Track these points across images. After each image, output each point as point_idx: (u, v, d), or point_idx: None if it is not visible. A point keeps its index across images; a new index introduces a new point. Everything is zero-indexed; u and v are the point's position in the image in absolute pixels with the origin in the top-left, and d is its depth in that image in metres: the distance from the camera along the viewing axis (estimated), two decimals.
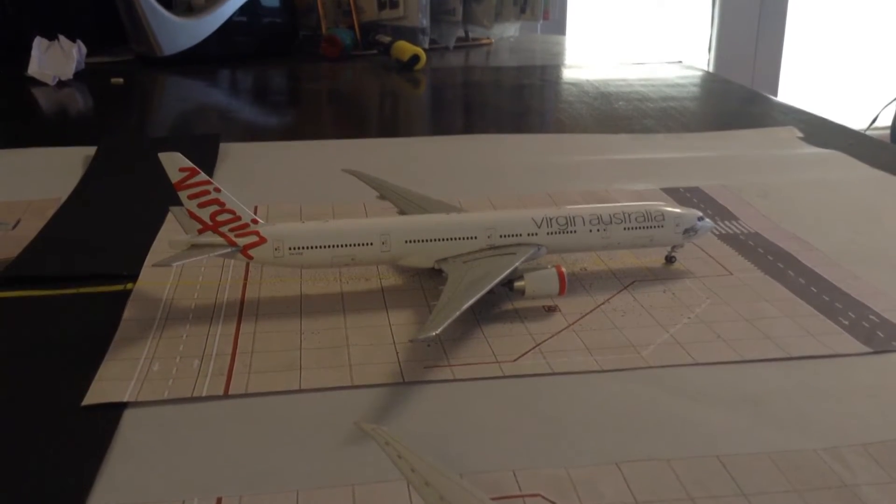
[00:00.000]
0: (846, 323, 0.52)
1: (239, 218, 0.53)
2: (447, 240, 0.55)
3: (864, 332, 0.51)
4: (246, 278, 0.58)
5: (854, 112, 2.49)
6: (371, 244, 0.54)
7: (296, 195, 0.77)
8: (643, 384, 0.45)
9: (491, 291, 0.50)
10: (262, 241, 0.53)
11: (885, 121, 2.60)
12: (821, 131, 1.02)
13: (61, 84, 1.34)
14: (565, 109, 1.24)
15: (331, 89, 1.44)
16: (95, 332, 0.50)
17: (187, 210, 0.52)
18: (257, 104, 1.36)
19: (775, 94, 2.35)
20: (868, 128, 2.56)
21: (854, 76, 2.65)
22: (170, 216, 0.66)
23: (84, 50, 1.41)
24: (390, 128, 1.23)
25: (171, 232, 0.63)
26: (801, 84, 2.58)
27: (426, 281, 0.58)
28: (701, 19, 2.55)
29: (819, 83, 2.59)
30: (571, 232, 0.56)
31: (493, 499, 0.35)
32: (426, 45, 1.61)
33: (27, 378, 0.46)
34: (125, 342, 0.49)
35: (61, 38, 1.39)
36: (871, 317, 0.52)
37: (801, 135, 1.00)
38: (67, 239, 0.66)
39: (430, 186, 0.66)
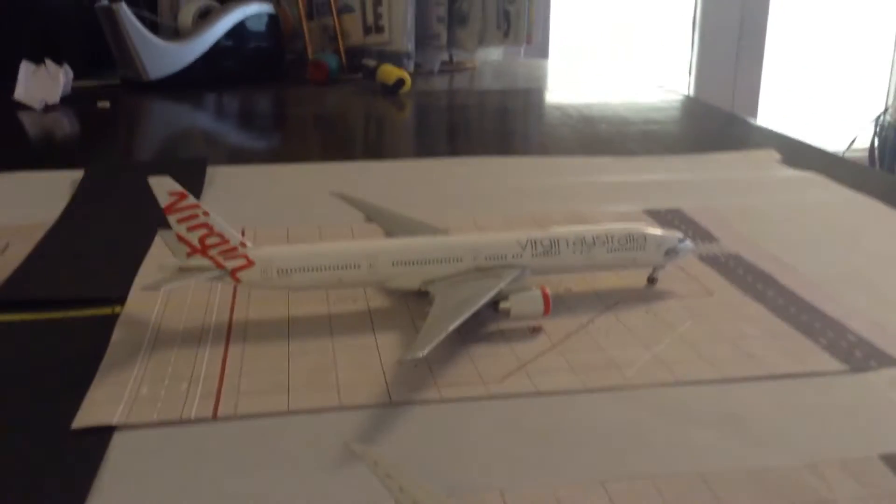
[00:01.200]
0: (825, 342, 0.53)
1: (228, 241, 0.53)
2: (434, 262, 0.55)
3: (842, 351, 0.52)
4: (234, 301, 0.59)
5: (833, 134, 2.53)
6: (358, 266, 0.55)
7: (283, 218, 0.78)
8: (627, 403, 0.46)
9: (477, 313, 0.51)
10: (251, 264, 0.53)
11: (862, 142, 2.64)
12: (799, 154, 1.04)
13: (48, 108, 1.34)
14: (549, 132, 1.26)
15: (317, 113, 1.45)
16: (84, 355, 0.51)
17: (176, 234, 0.52)
18: (244, 128, 1.37)
19: (755, 118, 2.39)
20: (847, 150, 2.60)
21: (832, 99, 2.69)
22: (158, 239, 0.67)
23: (71, 74, 1.42)
24: (376, 151, 1.24)
25: (160, 255, 0.64)
26: (780, 107, 2.62)
27: (413, 302, 0.58)
28: (681, 44, 2.59)
29: (798, 106, 2.63)
30: (555, 254, 0.57)
31: None
32: (411, 69, 1.63)
33: (16, 401, 0.46)
34: (114, 365, 0.49)
35: (48, 62, 1.39)
36: (849, 336, 0.53)
37: (779, 157, 1.01)
38: (56, 263, 0.66)
39: (415, 208, 0.67)
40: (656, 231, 0.59)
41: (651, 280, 0.61)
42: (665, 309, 0.58)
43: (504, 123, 1.36)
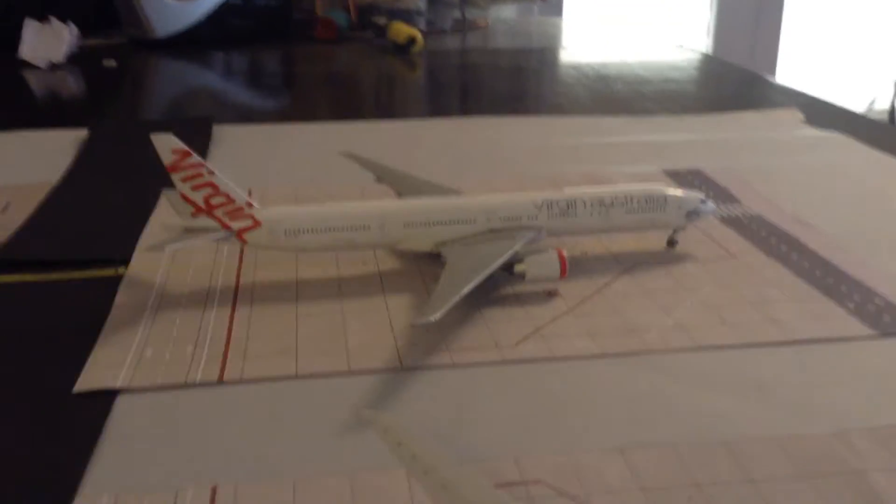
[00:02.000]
0: (851, 306, 0.51)
1: (233, 201, 0.51)
2: (446, 223, 0.54)
3: (869, 315, 0.50)
4: (240, 262, 0.57)
5: (851, 95, 2.48)
6: (369, 228, 0.53)
7: (290, 178, 0.76)
8: (646, 369, 0.45)
9: (491, 276, 0.49)
10: (257, 224, 0.52)
11: (881, 104, 2.59)
12: (822, 113, 1.01)
13: (53, 67, 1.32)
14: (564, 92, 1.23)
15: (326, 72, 1.42)
16: (87, 317, 0.49)
17: (181, 193, 0.51)
18: (251, 87, 1.35)
19: (774, 77, 2.34)
20: (867, 110, 2.55)
21: (851, 60, 2.64)
22: (163, 199, 0.66)
23: (76, 32, 1.39)
24: (386, 110, 1.21)
25: (164, 216, 0.62)
26: (798, 68, 2.57)
27: (425, 265, 0.57)
28: (700, 2, 2.53)
29: (818, 65, 2.58)
30: (572, 215, 0.55)
31: (495, 486, 0.35)
32: (423, 28, 1.60)
33: (17, 364, 0.45)
34: (117, 327, 0.48)
35: (53, 20, 1.37)
36: (877, 300, 0.51)
37: (802, 116, 0.99)
38: (58, 223, 0.65)
39: (427, 169, 0.65)
40: (677, 192, 0.57)
41: (671, 242, 0.59)
42: (685, 272, 0.56)
43: (518, 83, 1.33)
